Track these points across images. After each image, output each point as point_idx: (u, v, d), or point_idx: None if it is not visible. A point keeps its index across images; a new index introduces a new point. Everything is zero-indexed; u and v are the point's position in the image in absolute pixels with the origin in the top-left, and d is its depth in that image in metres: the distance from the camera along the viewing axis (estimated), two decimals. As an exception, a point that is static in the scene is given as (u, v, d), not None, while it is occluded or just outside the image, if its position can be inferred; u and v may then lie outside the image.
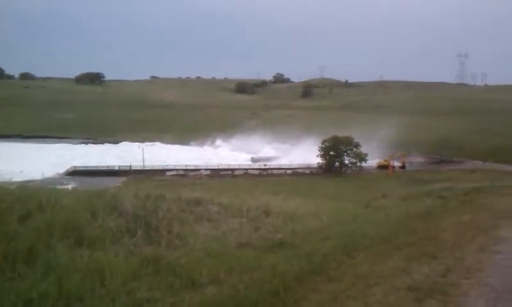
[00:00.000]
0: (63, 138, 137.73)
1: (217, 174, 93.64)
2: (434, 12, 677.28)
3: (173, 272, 8.55)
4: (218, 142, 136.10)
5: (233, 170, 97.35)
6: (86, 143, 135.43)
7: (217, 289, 7.43)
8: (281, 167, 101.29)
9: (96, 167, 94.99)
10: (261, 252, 10.41)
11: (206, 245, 10.38)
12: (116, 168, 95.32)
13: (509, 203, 18.56)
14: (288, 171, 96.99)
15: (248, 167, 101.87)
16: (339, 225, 13.85)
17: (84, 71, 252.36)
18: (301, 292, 7.01)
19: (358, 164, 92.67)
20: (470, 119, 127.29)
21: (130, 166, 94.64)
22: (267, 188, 53.24)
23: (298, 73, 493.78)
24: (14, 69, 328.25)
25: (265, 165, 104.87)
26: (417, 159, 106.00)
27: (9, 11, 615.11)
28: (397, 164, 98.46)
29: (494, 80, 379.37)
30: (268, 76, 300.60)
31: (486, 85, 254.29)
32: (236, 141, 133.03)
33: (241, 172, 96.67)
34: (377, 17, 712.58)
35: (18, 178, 78.35)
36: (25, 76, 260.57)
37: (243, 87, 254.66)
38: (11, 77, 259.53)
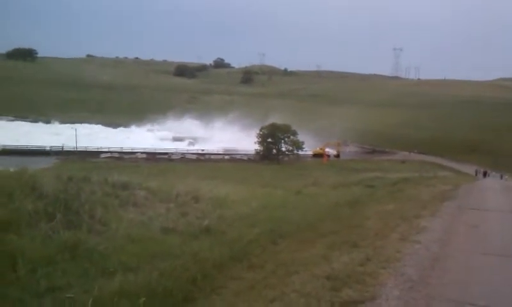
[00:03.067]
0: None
1: (154, 158, 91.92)
2: (373, 6, 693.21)
3: (91, 259, 8.25)
4: (156, 125, 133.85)
5: (170, 154, 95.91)
6: (17, 121, 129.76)
7: (133, 276, 7.19)
8: (219, 152, 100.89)
9: (26, 146, 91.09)
10: (186, 239, 10.24)
11: (129, 230, 10.09)
12: (48, 149, 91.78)
13: (433, 193, 19.20)
14: (226, 157, 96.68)
15: (185, 151, 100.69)
16: (268, 211, 13.85)
17: (16, 46, 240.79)
18: (220, 280, 6.90)
19: (295, 151, 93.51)
20: (403, 111, 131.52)
21: (62, 147, 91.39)
22: (202, 174, 52.87)
23: (239, 59, 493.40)
24: None
25: (202, 150, 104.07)
26: (351, 149, 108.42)
27: None
28: (332, 152, 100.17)
29: (426, 74, 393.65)
30: (208, 60, 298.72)
31: (418, 79, 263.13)
32: (174, 124, 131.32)
33: (178, 156, 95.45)
34: (317, 8, 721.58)
35: None
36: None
37: (183, 71, 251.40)
38: None
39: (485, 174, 63.36)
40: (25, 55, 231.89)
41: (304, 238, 9.61)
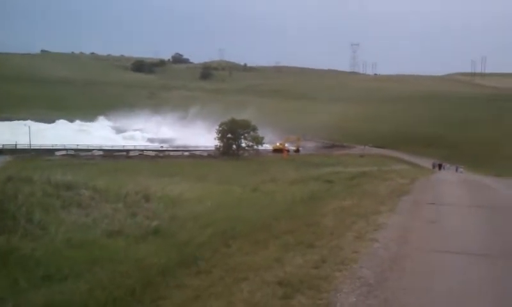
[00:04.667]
0: None
1: (111, 155, 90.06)
2: (331, 1, 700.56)
3: (24, 266, 7.55)
4: (113, 121, 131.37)
5: (127, 151, 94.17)
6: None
7: (68, 286, 6.54)
8: (179, 149, 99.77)
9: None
10: (133, 242, 9.62)
11: (70, 234, 9.38)
12: (0, 147, 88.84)
13: (391, 187, 19.06)
14: (186, 153, 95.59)
15: (143, 148, 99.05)
16: (223, 210, 13.33)
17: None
18: (163, 289, 6.32)
19: (255, 147, 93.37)
20: (361, 106, 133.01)
21: (15, 145, 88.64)
22: (159, 171, 51.95)
23: (198, 55, 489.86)
24: None
25: (161, 146, 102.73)
26: (311, 143, 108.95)
27: None
28: (291, 147, 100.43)
29: (383, 69, 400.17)
30: (167, 56, 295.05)
31: (375, 74, 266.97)
32: (132, 121, 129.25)
33: (136, 153, 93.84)
34: (277, 3, 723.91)
35: None
36: None
37: (140, 66, 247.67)
38: None
39: (440, 166, 64.61)
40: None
41: (258, 239, 9.11)
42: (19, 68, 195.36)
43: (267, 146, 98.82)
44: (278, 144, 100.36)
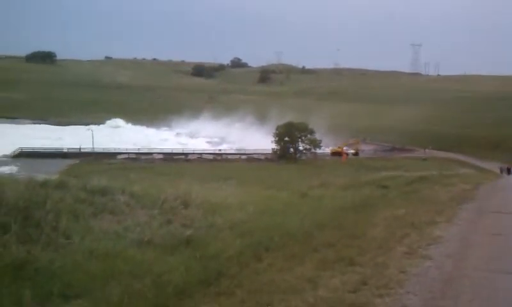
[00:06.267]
0: (11, 118, 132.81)
1: (171, 158, 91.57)
2: (390, 1, 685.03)
3: (36, 280, 6.98)
4: (173, 125, 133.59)
5: (186, 154, 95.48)
6: (36, 124, 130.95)
7: (71, 305, 5.89)
8: (236, 152, 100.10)
9: (44, 149, 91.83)
10: (161, 253, 8.92)
11: (96, 244, 8.77)
12: (65, 150, 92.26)
13: (452, 194, 17.61)
14: (243, 157, 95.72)
15: (202, 151, 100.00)
16: (265, 218, 12.46)
17: (36, 49, 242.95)
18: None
19: (313, 150, 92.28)
20: (423, 108, 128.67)
21: (79, 149, 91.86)
22: (214, 174, 51.81)
23: (256, 58, 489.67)
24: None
25: (219, 150, 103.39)
26: (370, 147, 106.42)
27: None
28: (350, 151, 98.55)
29: (446, 70, 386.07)
30: (226, 60, 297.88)
31: (438, 75, 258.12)
32: (192, 124, 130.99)
33: (195, 156, 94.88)
34: (333, 4, 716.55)
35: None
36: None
37: (200, 71, 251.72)
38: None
39: (509, 171, 60.85)
40: (44, 58, 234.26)
41: (294, 253, 8.22)
42: (84, 75, 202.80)
43: (325, 149, 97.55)
44: (336, 147, 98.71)
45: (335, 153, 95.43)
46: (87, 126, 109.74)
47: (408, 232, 9.77)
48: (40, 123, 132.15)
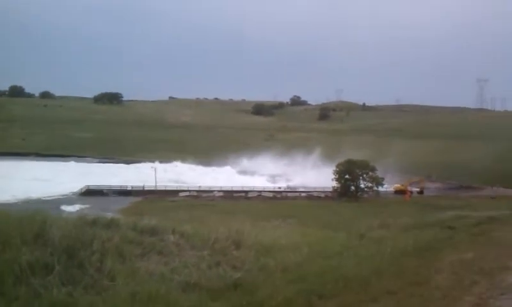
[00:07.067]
0: (79, 157, 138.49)
1: (231, 196, 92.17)
2: (453, 36, 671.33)
3: (72, 326, 6.65)
4: (233, 163, 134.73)
5: (246, 192, 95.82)
6: (102, 162, 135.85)
7: None
8: (296, 190, 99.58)
9: (109, 186, 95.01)
10: (207, 297, 8.45)
11: (139, 287, 8.39)
12: (129, 188, 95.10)
13: (526, 236, 16.23)
14: (303, 194, 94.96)
15: (262, 189, 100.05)
16: (319, 261, 11.76)
17: (103, 91, 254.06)
18: None
19: (375, 188, 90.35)
20: (490, 144, 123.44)
21: (143, 186, 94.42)
22: (273, 212, 51.34)
23: (315, 96, 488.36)
24: (34, 88, 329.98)
25: (279, 187, 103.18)
26: (436, 185, 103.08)
27: (30, 32, 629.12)
28: (415, 189, 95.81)
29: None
30: (285, 98, 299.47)
31: (505, 110, 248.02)
32: (251, 162, 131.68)
33: (255, 194, 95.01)
34: (395, 40, 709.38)
35: (32, 195, 78.75)
36: (45, 95, 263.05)
37: (260, 109, 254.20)
38: (31, 96, 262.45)
39: None
40: (111, 98, 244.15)
41: (350, 302, 7.52)
42: (148, 114, 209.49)
43: (388, 188, 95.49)
44: (400, 185, 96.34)
45: (399, 191, 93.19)
46: (150, 164, 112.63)
47: (476, 279, 8.83)
48: (106, 161, 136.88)
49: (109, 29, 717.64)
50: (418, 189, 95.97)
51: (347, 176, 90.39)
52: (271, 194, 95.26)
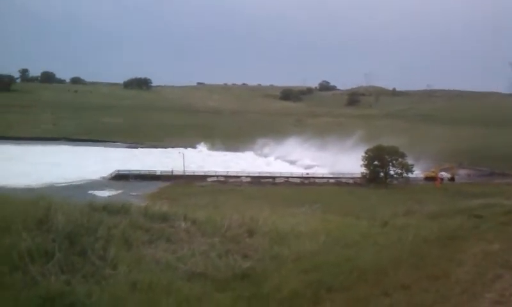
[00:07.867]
0: (109, 142, 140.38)
1: (258, 181, 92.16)
2: (485, 19, 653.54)
3: (64, 317, 6.33)
4: (261, 148, 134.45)
5: (274, 178, 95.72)
6: (132, 147, 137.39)
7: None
8: (324, 176, 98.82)
9: (138, 171, 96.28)
10: (211, 287, 8.05)
11: (142, 275, 8.02)
12: (158, 173, 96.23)
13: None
14: (332, 180, 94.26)
15: (289, 175, 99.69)
16: (336, 249, 11.23)
17: (133, 76, 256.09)
18: None
19: (404, 174, 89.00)
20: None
21: (172, 171, 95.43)
22: (299, 198, 50.79)
23: (344, 81, 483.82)
24: (65, 73, 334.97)
25: (307, 173, 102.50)
26: (467, 171, 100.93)
27: (62, 20, 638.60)
28: (445, 175, 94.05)
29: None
30: (314, 83, 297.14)
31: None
32: (279, 147, 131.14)
33: (282, 180, 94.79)
34: (426, 24, 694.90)
35: (61, 180, 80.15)
36: (75, 80, 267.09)
37: (288, 94, 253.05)
38: (62, 81, 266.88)
39: None
40: (140, 84, 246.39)
41: (359, 296, 7.01)
42: (176, 100, 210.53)
43: (417, 174, 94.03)
44: (430, 171, 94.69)
45: (429, 178, 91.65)
46: (178, 149, 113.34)
47: (500, 274, 8.18)
48: (135, 147, 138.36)
49: (140, 16, 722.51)
50: (449, 176, 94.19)
51: (376, 163, 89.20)
52: (298, 180, 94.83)
